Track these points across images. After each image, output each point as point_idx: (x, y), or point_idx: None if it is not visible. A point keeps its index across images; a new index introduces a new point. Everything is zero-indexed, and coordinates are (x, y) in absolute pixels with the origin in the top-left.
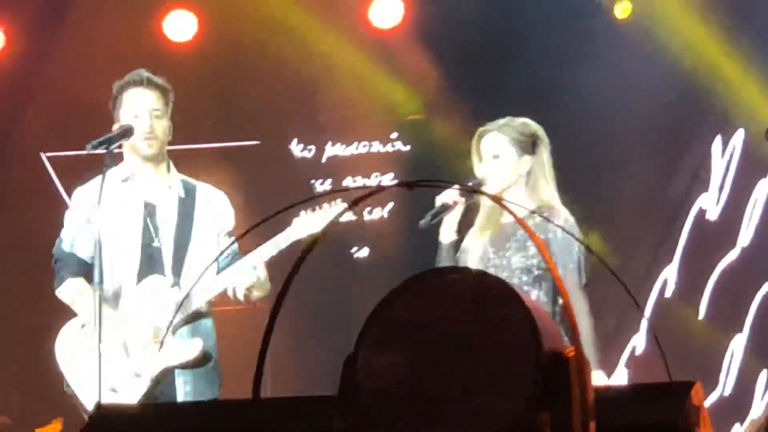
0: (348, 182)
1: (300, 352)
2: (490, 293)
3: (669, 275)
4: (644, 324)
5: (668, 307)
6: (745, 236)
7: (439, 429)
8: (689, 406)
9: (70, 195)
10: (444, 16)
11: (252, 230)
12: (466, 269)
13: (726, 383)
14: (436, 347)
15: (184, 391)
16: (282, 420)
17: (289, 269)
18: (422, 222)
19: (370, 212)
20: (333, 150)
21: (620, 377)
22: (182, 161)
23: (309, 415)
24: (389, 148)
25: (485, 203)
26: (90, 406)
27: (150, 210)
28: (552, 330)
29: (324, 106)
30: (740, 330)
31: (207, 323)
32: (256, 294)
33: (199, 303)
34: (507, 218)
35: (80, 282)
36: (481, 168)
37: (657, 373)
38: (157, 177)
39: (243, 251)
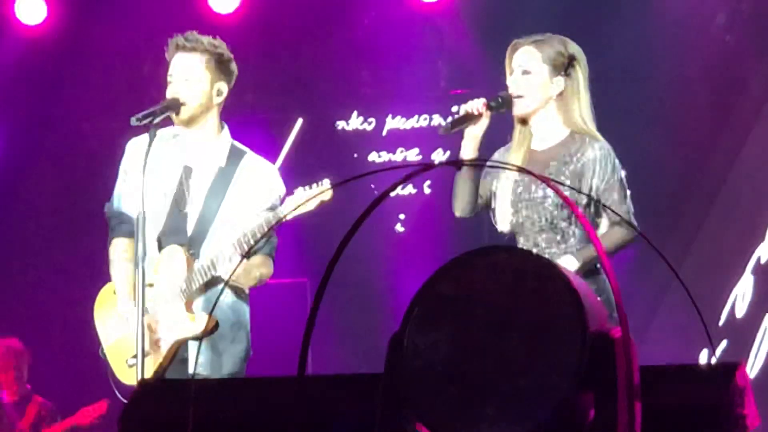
0: (399, 156)
1: (341, 328)
2: (536, 273)
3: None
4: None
5: None
6: None
7: (483, 409)
8: (734, 388)
9: (114, 164)
10: None
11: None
12: (513, 248)
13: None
14: (480, 327)
15: (199, 363)
16: (327, 398)
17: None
18: (441, 129)
19: (414, 187)
20: (391, 123)
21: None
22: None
23: (354, 394)
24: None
25: (516, 124)
26: (119, 374)
27: (187, 173)
28: (598, 310)
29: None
30: None
31: (228, 296)
32: (245, 282)
33: (216, 273)
34: (537, 145)
35: (122, 243)
36: (510, 81)
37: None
38: (202, 141)
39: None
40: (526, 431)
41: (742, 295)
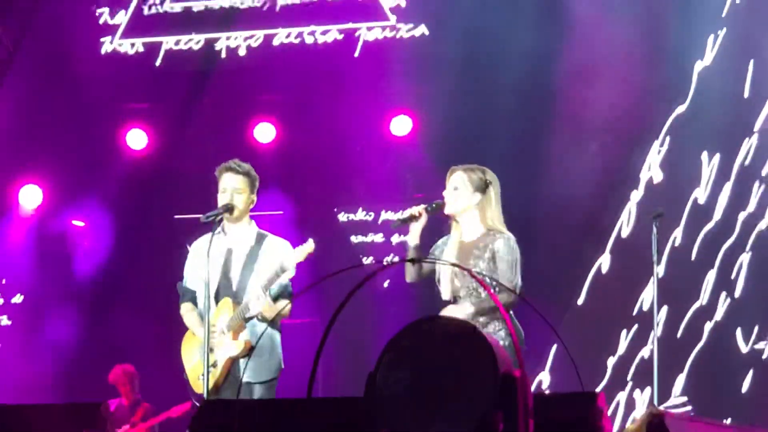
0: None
1: (340, 361)
2: (465, 334)
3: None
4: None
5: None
6: None
7: (432, 422)
8: (596, 408)
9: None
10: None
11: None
12: (449, 318)
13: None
14: (430, 368)
15: (247, 373)
16: (328, 412)
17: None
18: (392, 224)
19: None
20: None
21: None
22: (264, 222)
23: (344, 412)
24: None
25: (452, 222)
26: (195, 387)
27: (229, 252)
28: (505, 358)
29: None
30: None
31: (259, 327)
32: (270, 317)
33: (251, 313)
34: (465, 237)
35: (190, 305)
36: (445, 193)
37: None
38: (239, 231)
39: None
40: None
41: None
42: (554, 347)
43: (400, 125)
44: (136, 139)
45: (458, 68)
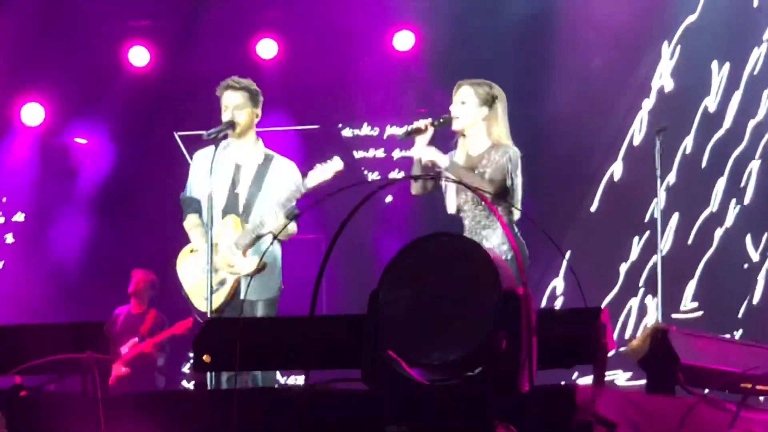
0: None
1: (343, 278)
2: (467, 250)
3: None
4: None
5: None
6: None
7: (433, 341)
8: (599, 324)
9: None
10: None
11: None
12: (452, 234)
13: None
14: (431, 288)
15: (250, 291)
16: (329, 331)
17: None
18: (398, 136)
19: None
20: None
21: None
22: (269, 138)
23: (347, 329)
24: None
25: (458, 137)
26: (197, 304)
27: (237, 169)
28: (508, 275)
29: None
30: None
31: (262, 245)
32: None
33: (257, 232)
34: (472, 151)
35: (195, 218)
36: (452, 107)
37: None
38: (246, 147)
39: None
40: (462, 355)
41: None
42: (567, 253)
43: (403, 40)
44: (138, 56)
45: None
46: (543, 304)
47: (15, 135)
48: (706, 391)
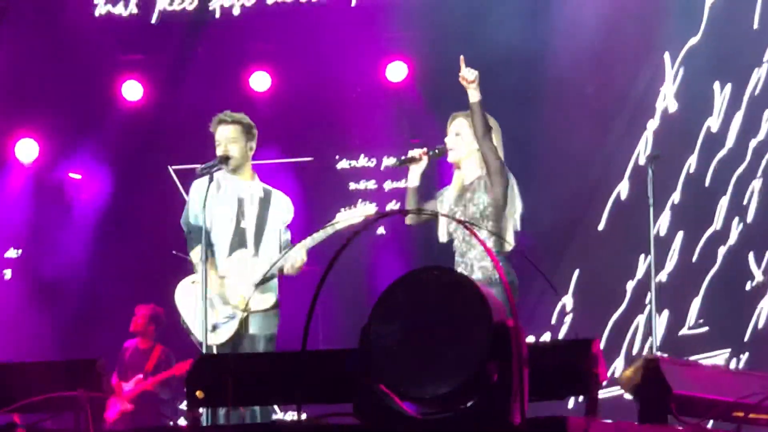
0: (373, 184)
1: (339, 311)
2: (458, 284)
3: None
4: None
5: None
6: None
7: (425, 374)
8: (591, 355)
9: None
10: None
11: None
12: (442, 268)
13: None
14: (422, 321)
15: (254, 326)
16: (322, 365)
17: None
18: (393, 163)
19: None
20: (363, 162)
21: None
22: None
23: (339, 365)
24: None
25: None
26: (198, 335)
27: (240, 203)
28: (499, 308)
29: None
30: None
31: (275, 281)
32: (297, 269)
33: (272, 270)
34: (466, 180)
35: (201, 247)
36: (447, 139)
37: None
38: (244, 181)
39: (294, 240)
40: (453, 388)
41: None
42: (577, 271)
43: (396, 71)
44: (132, 90)
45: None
46: (553, 320)
47: (10, 171)
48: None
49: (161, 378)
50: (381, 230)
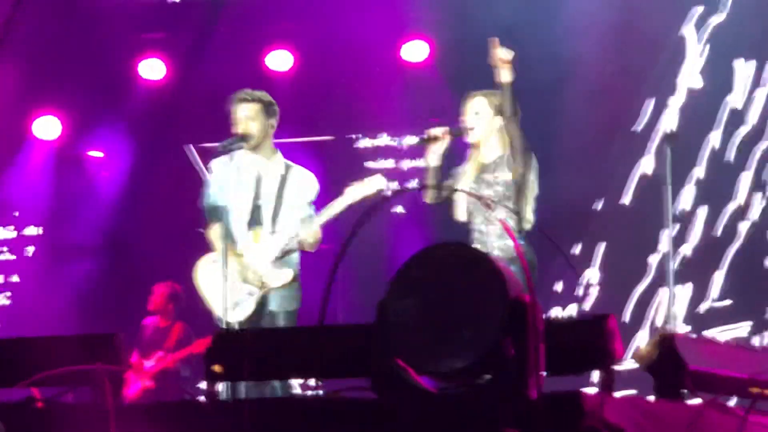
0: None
1: (357, 287)
2: (474, 259)
3: None
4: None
5: None
6: None
7: (441, 348)
8: (606, 331)
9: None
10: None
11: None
12: (460, 244)
13: None
14: (438, 296)
15: (275, 303)
16: (339, 340)
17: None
18: (417, 141)
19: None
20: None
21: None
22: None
23: (356, 338)
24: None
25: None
26: (218, 313)
27: (258, 180)
28: (516, 283)
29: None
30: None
31: (294, 257)
32: (312, 244)
33: (290, 245)
34: (485, 159)
35: (221, 227)
36: (466, 118)
37: None
38: (265, 159)
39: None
40: (470, 363)
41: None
42: (603, 245)
43: (416, 50)
44: (153, 68)
45: None
46: (580, 292)
47: (30, 148)
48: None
49: (182, 355)
50: (399, 209)
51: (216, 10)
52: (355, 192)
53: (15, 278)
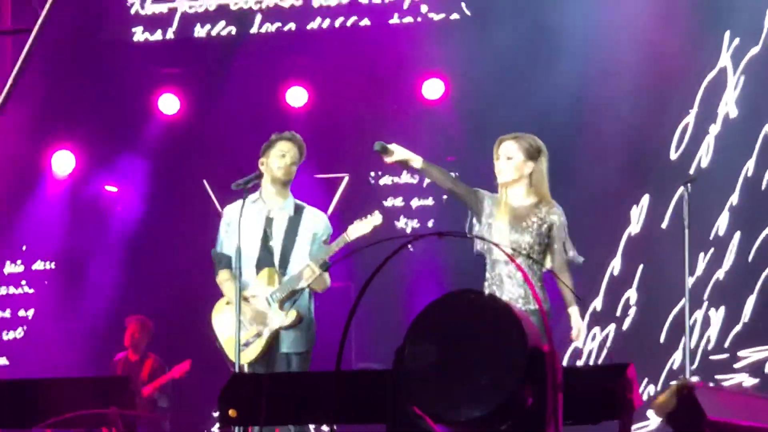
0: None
1: (373, 328)
2: (493, 308)
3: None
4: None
5: None
6: None
7: (459, 397)
8: (625, 380)
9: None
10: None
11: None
12: (479, 292)
13: None
14: (457, 344)
15: (286, 344)
16: (355, 386)
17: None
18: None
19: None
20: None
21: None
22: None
23: (372, 386)
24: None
25: (501, 196)
26: (233, 358)
27: (268, 221)
28: (535, 333)
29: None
30: None
31: (305, 298)
32: (318, 287)
33: (302, 284)
34: (516, 202)
35: (227, 272)
36: (497, 165)
37: None
38: (278, 198)
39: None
40: (487, 411)
41: None
42: (641, 267)
43: (433, 89)
44: (169, 103)
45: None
46: (618, 313)
47: (46, 183)
48: None
49: (160, 382)
50: (410, 248)
51: (233, 46)
52: (356, 230)
53: (25, 312)
